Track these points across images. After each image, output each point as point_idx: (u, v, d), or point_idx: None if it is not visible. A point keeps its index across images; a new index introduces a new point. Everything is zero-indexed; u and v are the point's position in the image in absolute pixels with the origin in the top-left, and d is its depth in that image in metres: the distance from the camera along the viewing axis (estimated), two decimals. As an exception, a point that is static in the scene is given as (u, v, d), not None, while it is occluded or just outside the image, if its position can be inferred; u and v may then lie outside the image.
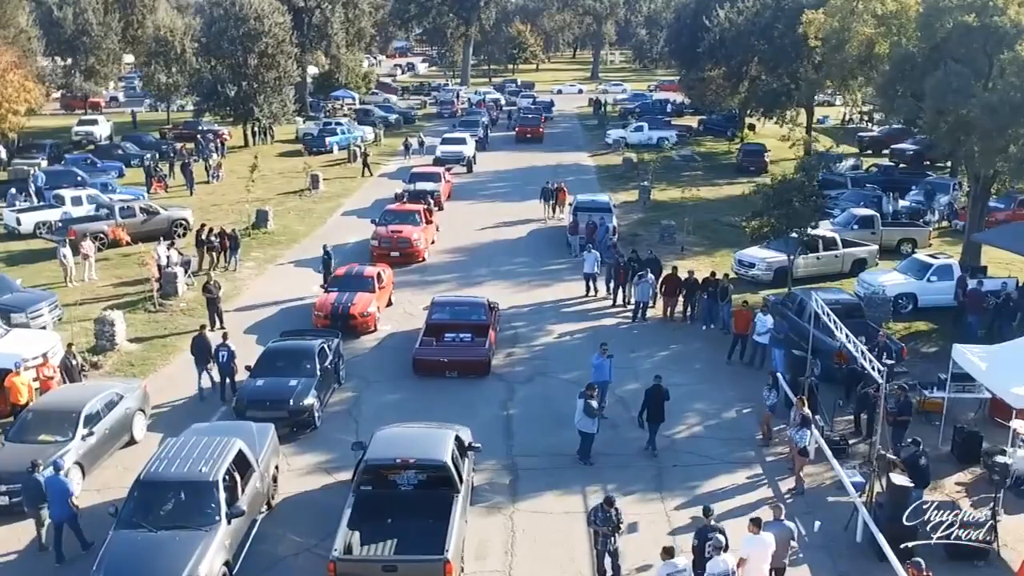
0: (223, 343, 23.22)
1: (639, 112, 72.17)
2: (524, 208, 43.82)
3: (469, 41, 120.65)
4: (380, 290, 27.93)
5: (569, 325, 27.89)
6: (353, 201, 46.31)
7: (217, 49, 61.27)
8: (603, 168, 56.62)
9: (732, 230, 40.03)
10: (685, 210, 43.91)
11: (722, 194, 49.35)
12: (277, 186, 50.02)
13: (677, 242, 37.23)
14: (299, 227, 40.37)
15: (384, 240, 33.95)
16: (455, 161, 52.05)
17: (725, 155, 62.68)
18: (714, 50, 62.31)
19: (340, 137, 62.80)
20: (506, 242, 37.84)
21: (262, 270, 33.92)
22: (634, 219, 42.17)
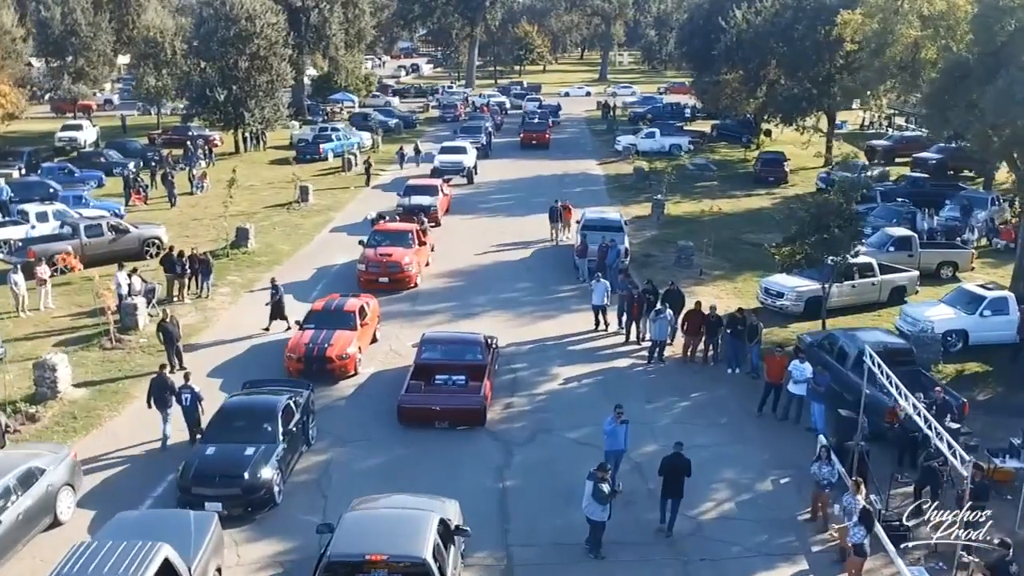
0: (186, 384, 20.35)
1: (651, 118, 68.71)
2: (528, 224, 40.54)
3: (474, 42, 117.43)
4: (363, 327, 24.70)
5: (576, 367, 24.62)
6: (345, 215, 43.11)
7: (206, 51, 58.15)
8: (612, 178, 53.34)
9: (754, 250, 36.81)
10: (702, 226, 40.59)
11: (740, 207, 46.03)
12: (265, 198, 46.86)
13: (695, 265, 33.94)
14: (283, 246, 37.17)
15: (372, 264, 30.73)
16: (455, 172, 48.81)
17: (741, 164, 59.35)
18: (730, 53, 58.94)
19: (335, 144, 59.61)
20: (508, 264, 34.59)
21: (236, 297, 30.72)
22: (647, 237, 38.88)
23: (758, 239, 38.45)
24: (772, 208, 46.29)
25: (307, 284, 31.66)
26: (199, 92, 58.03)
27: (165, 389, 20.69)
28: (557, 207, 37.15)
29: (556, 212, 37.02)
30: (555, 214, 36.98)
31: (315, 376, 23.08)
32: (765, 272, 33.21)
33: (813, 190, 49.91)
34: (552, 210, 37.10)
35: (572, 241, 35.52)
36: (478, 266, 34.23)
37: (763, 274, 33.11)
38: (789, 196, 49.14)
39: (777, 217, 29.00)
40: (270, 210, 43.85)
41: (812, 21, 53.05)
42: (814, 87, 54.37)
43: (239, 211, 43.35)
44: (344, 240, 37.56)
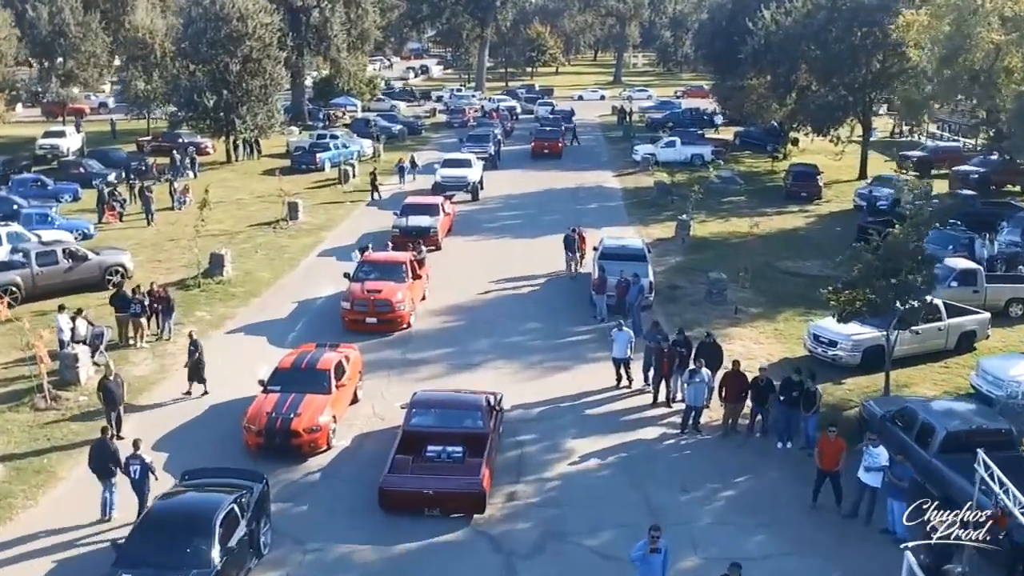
0: (134, 454, 16.92)
1: (672, 125, 64.27)
2: (538, 248, 36.47)
3: (485, 43, 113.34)
4: (339, 389, 20.63)
5: (594, 440, 20.48)
6: (337, 236, 39.09)
7: (195, 53, 54.25)
8: (631, 192, 49.15)
9: (792, 280, 32.69)
10: (732, 250, 36.46)
11: (772, 227, 41.77)
12: (252, 214, 42.88)
13: (729, 301, 29.73)
14: (264, 273, 33.16)
15: (359, 303, 26.67)
16: (458, 187, 44.72)
17: (769, 176, 55.09)
18: (758, 56, 54.69)
19: (333, 153, 55.62)
20: (515, 298, 30.46)
21: (203, 339, 26.62)
22: (672, 264, 34.71)
23: (796, 267, 34.46)
24: (807, 228, 42.11)
25: (283, 324, 27.64)
26: (187, 97, 54.10)
27: (108, 458, 17.19)
28: (574, 236, 32.72)
29: (573, 242, 32.66)
30: (572, 244, 32.59)
31: (279, 452, 19.10)
32: (807, 309, 29.19)
33: (850, 207, 45.83)
34: (568, 239, 32.75)
35: (589, 269, 31.43)
36: (481, 300, 30.13)
37: (805, 312, 29.11)
38: (824, 214, 44.99)
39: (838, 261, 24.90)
40: (254, 229, 39.86)
41: (848, 23, 48.89)
42: (850, 94, 50.12)
43: (221, 230, 39.52)
44: (333, 266, 33.54)
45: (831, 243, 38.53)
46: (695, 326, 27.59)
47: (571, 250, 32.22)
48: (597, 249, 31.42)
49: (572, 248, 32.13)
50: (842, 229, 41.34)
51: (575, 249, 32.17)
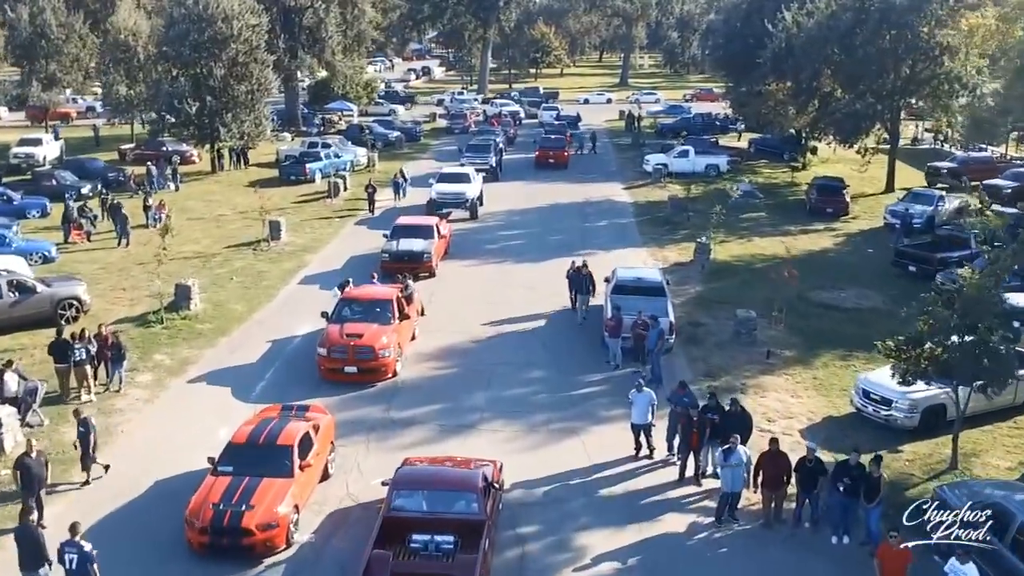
0: (71, 540, 14.07)
1: (686, 134, 60.52)
2: (543, 273, 33.05)
3: (488, 44, 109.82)
4: (304, 470, 17.14)
5: (611, 535, 16.96)
6: (322, 259, 35.67)
7: (177, 56, 50.86)
8: (642, 208, 45.64)
9: (828, 314, 29.22)
10: (756, 277, 32.98)
11: (797, 248, 38.30)
12: (231, 233, 39.47)
13: (759, 343, 26.22)
14: (236, 305, 29.71)
15: (336, 349, 23.20)
16: (455, 204, 41.23)
17: (789, 189, 51.53)
18: (778, 61, 51.12)
19: (324, 163, 52.17)
20: (516, 337, 26.94)
21: (160, 390, 23.26)
22: (691, 294, 31.21)
23: (830, 298, 30.92)
24: (837, 250, 38.60)
25: (253, 371, 24.20)
26: (168, 103, 50.71)
27: (36, 545, 14.29)
28: (581, 276, 28.17)
29: (582, 283, 28.12)
30: (581, 285, 28.08)
31: (227, 553, 15.67)
32: (848, 351, 25.85)
33: (880, 224, 42.34)
34: (574, 279, 28.46)
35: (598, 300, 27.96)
36: (478, 340, 26.62)
37: (846, 354, 25.71)
38: (853, 232, 41.49)
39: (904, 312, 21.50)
40: (232, 251, 36.44)
41: (877, 25, 45.32)
42: (878, 102, 46.57)
43: (195, 251, 36.18)
44: (315, 297, 30.10)
45: (865, 268, 35.17)
46: (722, 374, 24.20)
47: (579, 290, 28.05)
48: (609, 281, 27.88)
49: (581, 289, 27.94)
50: (875, 251, 37.92)
51: (585, 290, 27.91)
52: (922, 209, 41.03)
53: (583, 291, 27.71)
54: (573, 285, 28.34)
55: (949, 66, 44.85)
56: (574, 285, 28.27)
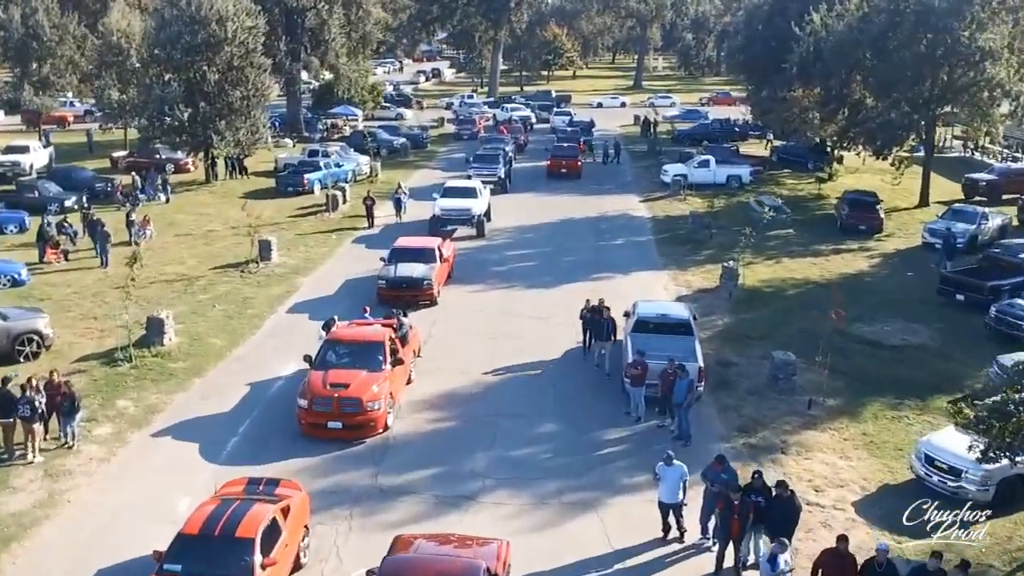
0: None
1: (706, 143, 57.27)
2: (554, 301, 30.21)
3: (498, 46, 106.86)
4: (268, 569, 14.22)
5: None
6: (315, 282, 32.84)
7: (168, 60, 48.11)
8: (661, 223, 42.63)
9: (872, 352, 26.18)
10: (792, 306, 29.99)
11: (830, 271, 35.27)
12: (219, 252, 36.66)
13: (798, 391, 23.21)
14: (216, 339, 26.85)
15: (319, 401, 20.29)
16: (461, 221, 38.34)
17: (816, 202, 48.41)
18: (806, 66, 48.05)
19: (323, 173, 49.34)
20: (524, 382, 23.99)
21: (118, 446, 20.42)
22: (719, 327, 28.21)
23: (873, 332, 27.86)
24: (873, 273, 35.55)
25: (226, 422, 21.35)
26: (159, 109, 47.95)
27: None
28: (600, 319, 24.28)
29: (602, 327, 24.21)
30: (601, 329, 24.23)
31: None
32: (898, 398, 22.97)
33: (917, 242, 39.30)
34: (592, 321, 24.82)
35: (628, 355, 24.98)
36: (481, 384, 23.69)
37: (896, 402, 22.78)
38: (889, 253, 38.43)
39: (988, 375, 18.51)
40: (218, 273, 33.62)
41: (913, 28, 42.26)
42: (914, 111, 43.47)
43: (178, 274, 33.39)
44: (303, 328, 27.32)
45: (907, 295, 32.10)
46: (758, 428, 21.25)
47: (597, 335, 24.33)
48: (629, 316, 24.90)
49: (600, 334, 24.18)
50: (915, 274, 34.89)
51: (604, 335, 24.14)
52: (964, 227, 38.01)
53: (602, 336, 24.15)
54: (589, 326, 24.93)
55: (991, 72, 41.74)
56: (590, 327, 24.84)
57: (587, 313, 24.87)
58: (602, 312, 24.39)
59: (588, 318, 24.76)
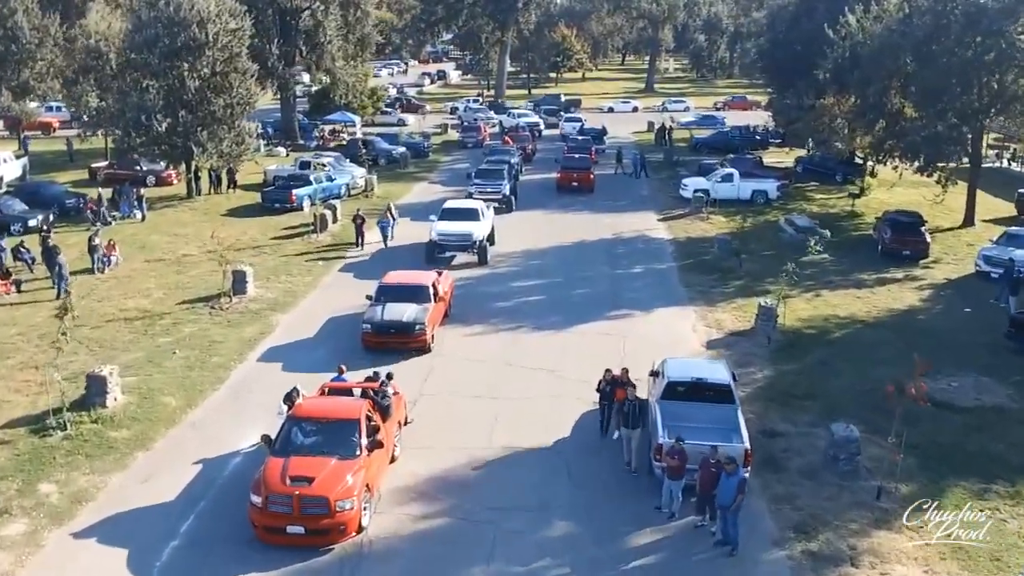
0: None
1: (730, 156, 53.07)
2: (567, 346, 26.34)
3: (505, 47, 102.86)
4: None
5: None
6: (294, 320, 28.94)
7: (145, 65, 44.25)
8: (683, 247, 38.60)
9: (944, 418, 22.11)
10: (842, 352, 25.96)
11: (877, 306, 31.22)
12: (191, 281, 32.78)
13: (862, 474, 19.17)
14: (170, 397, 22.91)
15: (277, 499, 16.25)
16: (460, 247, 34.37)
17: (850, 220, 44.32)
18: (841, 72, 43.98)
19: (314, 188, 45.43)
20: (531, 461, 19.92)
21: (30, 552, 16.49)
22: (758, 383, 24.17)
23: (941, 391, 23.68)
24: (925, 308, 31.48)
25: (162, 520, 17.35)
26: (135, 118, 44.11)
27: None
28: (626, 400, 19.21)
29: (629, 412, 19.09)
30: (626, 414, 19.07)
31: None
32: (984, 480, 19.04)
33: (970, 270, 35.28)
34: (606, 393, 20.41)
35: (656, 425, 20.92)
36: (480, 464, 19.67)
37: (982, 486, 18.91)
38: (939, 282, 34.37)
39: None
40: (186, 309, 29.72)
41: (962, 32, 38.21)
42: (963, 122, 39.39)
43: (141, 310, 29.54)
44: (274, 382, 23.42)
45: (969, 338, 28.06)
46: (819, 528, 17.30)
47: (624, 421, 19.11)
48: (656, 376, 20.88)
49: (627, 419, 19.00)
50: (974, 311, 30.86)
51: (632, 421, 18.94)
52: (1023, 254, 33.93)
53: (629, 423, 19.13)
54: (608, 402, 20.39)
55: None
56: (609, 402, 20.30)
57: (606, 386, 20.51)
58: (626, 388, 19.79)
59: (608, 391, 20.37)
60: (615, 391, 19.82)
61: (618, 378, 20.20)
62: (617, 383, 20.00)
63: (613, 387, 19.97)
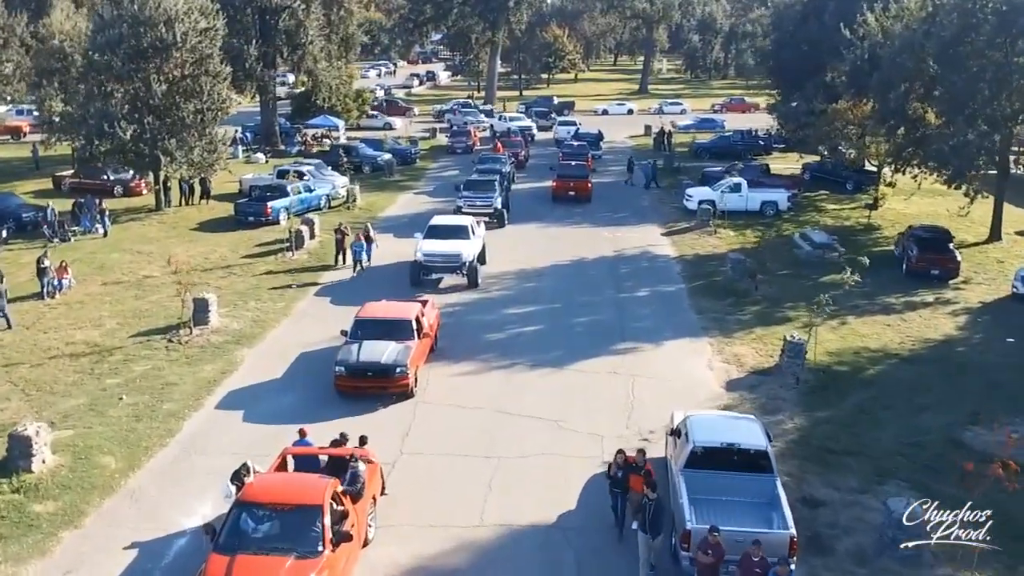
0: None
1: (740, 166, 49.56)
2: (569, 389, 23.20)
3: (496, 48, 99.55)
4: None
5: None
6: (261, 355, 25.70)
7: (107, 68, 40.91)
8: (691, 265, 35.46)
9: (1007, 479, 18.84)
10: (879, 397, 22.86)
11: (911, 335, 28.19)
12: (150, 308, 29.51)
13: (926, 560, 16.04)
14: (109, 456, 19.68)
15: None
16: (449, 269, 31.15)
17: (867, 234, 41.26)
18: (858, 75, 40.92)
19: (291, 200, 42.16)
20: (529, 543, 16.72)
21: None
22: (790, 434, 21.04)
23: (996, 444, 20.42)
24: (963, 338, 28.39)
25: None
26: (98, 125, 40.76)
27: None
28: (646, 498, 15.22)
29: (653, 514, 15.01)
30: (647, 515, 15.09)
31: None
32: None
33: (1006, 291, 32.30)
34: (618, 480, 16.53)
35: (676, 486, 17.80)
36: (467, 551, 16.42)
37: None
38: (973, 307, 31.37)
39: None
40: (141, 342, 26.45)
41: (993, 34, 35.18)
42: (994, 130, 36.35)
43: (89, 344, 26.32)
44: (232, 436, 20.31)
45: (1019, 374, 24.91)
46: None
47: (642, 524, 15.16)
48: (677, 436, 17.72)
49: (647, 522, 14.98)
50: (1017, 341, 27.76)
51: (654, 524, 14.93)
52: (1065, 277, 30.98)
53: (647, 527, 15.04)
54: (619, 488, 16.61)
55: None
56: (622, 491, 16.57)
57: (617, 471, 16.56)
58: (642, 477, 15.95)
59: (621, 479, 16.55)
60: (629, 477, 16.36)
61: (633, 462, 16.68)
62: (632, 468, 16.50)
63: (627, 473, 16.46)
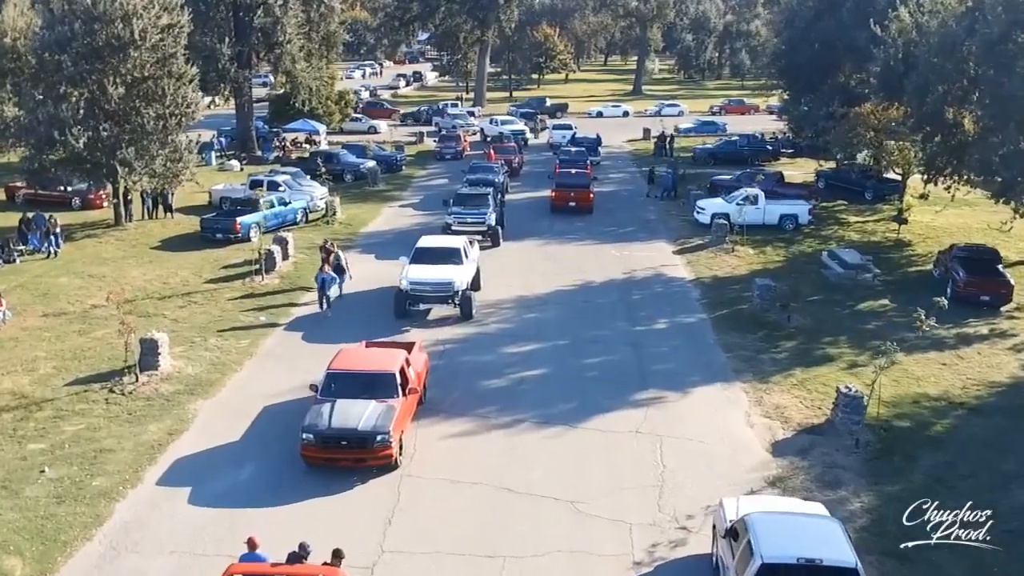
0: None
1: (761, 178, 44.94)
2: (579, 456, 19.32)
3: (486, 48, 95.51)
4: None
5: None
6: (217, 410, 21.68)
7: (57, 69, 36.77)
8: (711, 290, 31.56)
9: None
10: (956, 463, 19.07)
11: (973, 378, 24.42)
12: (94, 346, 25.47)
13: None
14: (13, 559, 15.66)
15: None
16: (439, 299, 27.12)
17: (899, 251, 37.53)
18: (889, 77, 37.16)
19: (262, 215, 38.14)
20: None
21: None
22: (858, 517, 17.19)
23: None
24: None
25: None
26: (47, 132, 36.64)
27: None
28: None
29: None
30: None
31: None
32: None
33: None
34: None
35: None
36: None
37: None
38: (1034, 339, 27.52)
39: None
40: (77, 392, 22.39)
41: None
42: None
43: (13, 394, 22.44)
44: (173, 524, 16.29)
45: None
46: None
47: None
48: (733, 537, 13.81)
49: None
50: (1097, 385, 24.04)
51: None
52: None
53: None
54: None
55: None
56: None
57: None
58: None
59: None
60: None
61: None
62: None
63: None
